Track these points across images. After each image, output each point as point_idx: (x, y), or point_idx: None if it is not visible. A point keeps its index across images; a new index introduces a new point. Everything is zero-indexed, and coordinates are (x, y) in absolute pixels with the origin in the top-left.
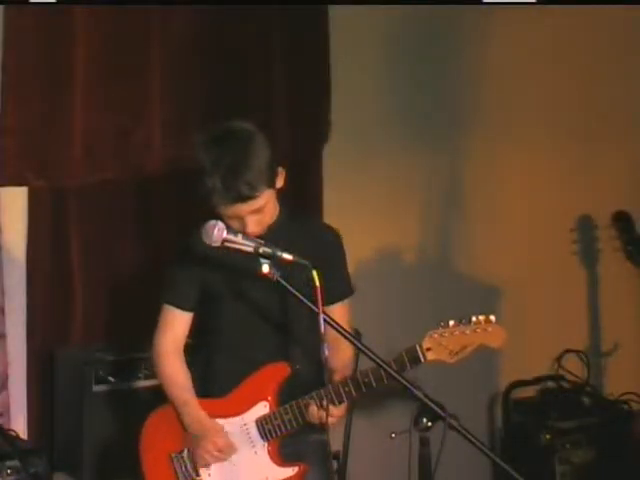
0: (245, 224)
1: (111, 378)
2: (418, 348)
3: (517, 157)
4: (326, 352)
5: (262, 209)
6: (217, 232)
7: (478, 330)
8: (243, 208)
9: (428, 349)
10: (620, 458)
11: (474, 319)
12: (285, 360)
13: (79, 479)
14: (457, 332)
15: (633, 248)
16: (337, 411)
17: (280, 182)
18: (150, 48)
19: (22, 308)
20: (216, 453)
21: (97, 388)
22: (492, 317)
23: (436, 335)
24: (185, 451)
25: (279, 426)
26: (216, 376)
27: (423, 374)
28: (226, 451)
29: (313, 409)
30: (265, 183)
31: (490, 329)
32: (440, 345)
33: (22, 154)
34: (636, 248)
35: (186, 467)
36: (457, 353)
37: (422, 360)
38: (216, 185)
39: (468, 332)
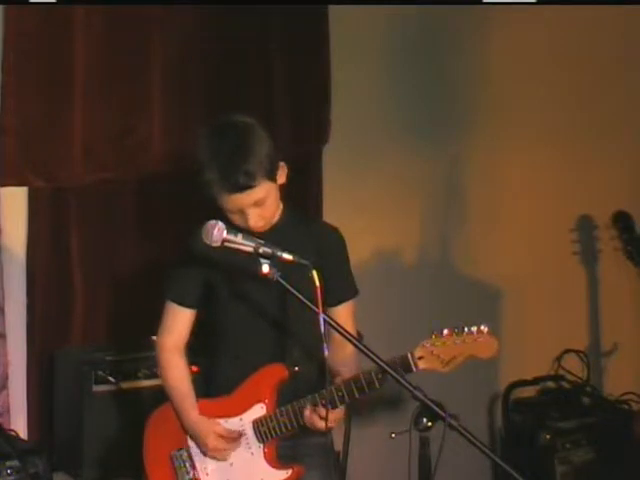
0: (247, 218)
1: (111, 378)
2: (410, 357)
3: (517, 157)
4: (326, 352)
5: (263, 202)
6: (217, 232)
7: (468, 340)
8: (243, 199)
9: (420, 358)
10: (620, 458)
11: (466, 329)
12: (285, 361)
13: (79, 479)
14: (449, 342)
15: (633, 248)
16: (333, 415)
17: (282, 177)
18: (150, 48)
19: (22, 308)
20: (215, 453)
21: (97, 388)
22: (484, 327)
23: (428, 344)
24: (184, 450)
25: (274, 429)
26: (218, 377)
27: (423, 374)
28: (226, 446)
29: (306, 413)
30: (264, 174)
31: (481, 340)
32: (432, 354)
33: (22, 154)
34: (636, 248)
35: (185, 466)
36: (448, 363)
37: (414, 369)
38: (215, 176)
39: (459, 342)
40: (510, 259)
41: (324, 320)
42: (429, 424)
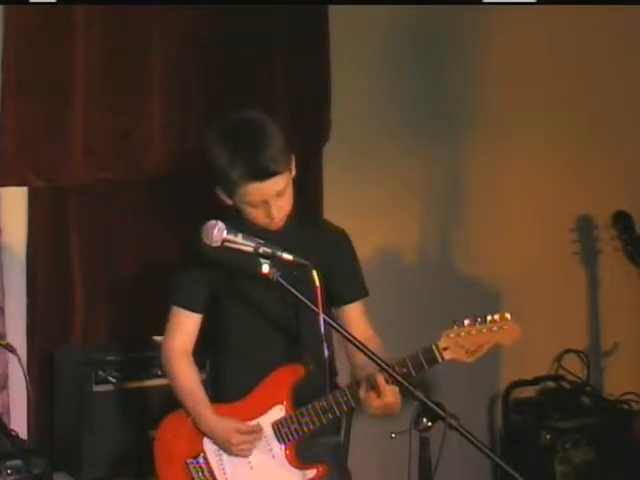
0: (269, 208)
1: (111, 378)
2: (435, 348)
3: (517, 157)
4: (326, 353)
5: (284, 192)
6: (217, 232)
7: (494, 328)
8: (268, 187)
9: (445, 349)
10: (620, 458)
11: (489, 317)
12: (296, 362)
13: (79, 479)
14: (473, 331)
15: (633, 248)
16: (391, 391)
17: (293, 169)
18: (150, 48)
19: (22, 308)
20: (240, 448)
21: (97, 388)
22: (507, 315)
23: (452, 335)
24: (201, 456)
25: (296, 429)
26: (226, 381)
27: (423, 374)
28: (249, 439)
29: (362, 394)
30: (286, 161)
31: (506, 327)
32: (457, 344)
33: (22, 154)
34: (636, 248)
35: (203, 473)
36: (474, 352)
37: (439, 360)
38: (242, 168)
39: (484, 331)
40: (510, 259)
41: (324, 320)
42: (429, 424)
